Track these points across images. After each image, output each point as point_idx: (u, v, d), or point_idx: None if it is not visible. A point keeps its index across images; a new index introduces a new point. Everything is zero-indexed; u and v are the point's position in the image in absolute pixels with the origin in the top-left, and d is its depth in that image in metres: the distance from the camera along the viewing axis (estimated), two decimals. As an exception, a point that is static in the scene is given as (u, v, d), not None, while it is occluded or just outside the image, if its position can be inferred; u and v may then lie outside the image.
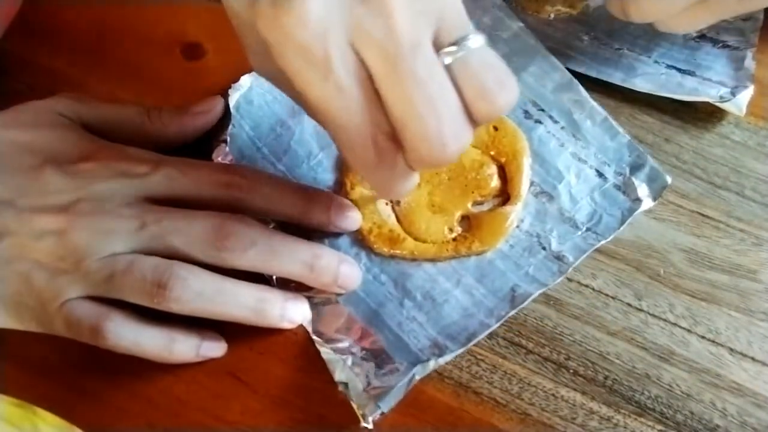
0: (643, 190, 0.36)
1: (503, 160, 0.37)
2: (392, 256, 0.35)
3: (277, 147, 0.38)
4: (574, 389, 0.33)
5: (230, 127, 0.38)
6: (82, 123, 0.35)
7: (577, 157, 0.37)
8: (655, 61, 0.40)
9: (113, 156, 0.33)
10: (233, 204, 0.33)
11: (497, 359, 0.34)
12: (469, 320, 0.34)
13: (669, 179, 0.36)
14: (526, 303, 0.34)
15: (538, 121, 0.38)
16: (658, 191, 0.36)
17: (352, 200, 0.36)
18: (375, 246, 0.35)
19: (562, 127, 0.38)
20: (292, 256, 0.32)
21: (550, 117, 0.38)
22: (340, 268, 0.33)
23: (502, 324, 0.34)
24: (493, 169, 0.37)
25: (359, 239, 0.36)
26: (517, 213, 0.36)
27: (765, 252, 0.36)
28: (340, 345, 0.33)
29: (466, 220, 0.36)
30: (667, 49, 0.40)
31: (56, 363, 0.33)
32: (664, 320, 0.34)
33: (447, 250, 0.35)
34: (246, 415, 0.33)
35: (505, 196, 0.36)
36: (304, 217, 0.34)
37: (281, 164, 0.38)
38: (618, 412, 0.32)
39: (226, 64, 0.40)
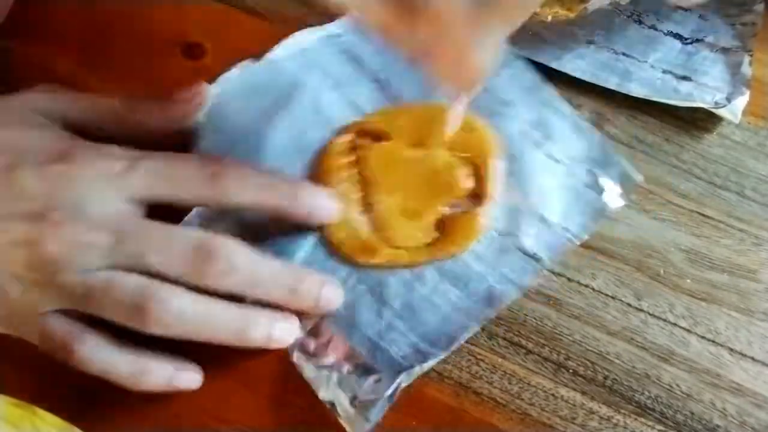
0: (613, 188, 0.36)
1: (476, 161, 0.36)
2: (368, 266, 0.35)
3: (246, 158, 0.37)
4: (574, 389, 0.33)
5: (199, 140, 0.37)
6: (59, 119, 0.33)
7: (548, 156, 0.37)
8: (651, 66, 0.39)
9: (90, 155, 0.31)
10: (220, 200, 0.32)
11: (497, 359, 0.34)
12: (449, 324, 0.34)
13: (640, 177, 0.36)
14: (503, 305, 0.34)
15: (510, 121, 0.38)
16: (629, 189, 0.36)
17: None
18: (349, 256, 0.35)
19: (534, 127, 0.38)
20: (275, 281, 0.32)
21: (521, 117, 0.38)
22: (321, 292, 0.33)
23: (502, 324, 0.34)
24: (464, 171, 0.36)
25: (333, 251, 0.35)
26: (489, 214, 0.35)
27: (765, 252, 0.36)
28: (323, 361, 0.33)
29: (441, 223, 0.35)
30: (663, 53, 0.40)
31: (56, 363, 0.33)
32: (664, 320, 0.34)
33: (422, 255, 0.35)
34: (246, 415, 0.33)
35: (478, 197, 0.36)
36: (292, 208, 0.33)
37: None
38: (618, 412, 0.32)
39: (226, 64, 0.40)
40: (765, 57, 0.40)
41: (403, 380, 0.32)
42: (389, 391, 0.32)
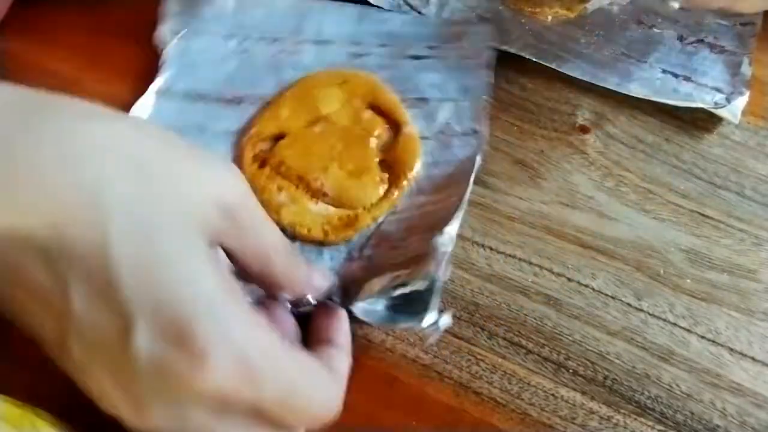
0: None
1: (369, 100, 0.38)
2: (360, 234, 0.36)
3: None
4: (574, 389, 0.33)
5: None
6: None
7: (414, 57, 0.41)
8: (651, 66, 0.40)
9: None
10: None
11: (497, 359, 0.34)
12: (432, 218, 0.35)
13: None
14: (473, 176, 0.35)
15: (366, 54, 0.41)
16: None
17: (289, 224, 0.36)
18: (342, 238, 0.36)
19: (381, 45, 0.41)
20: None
21: (370, 50, 0.41)
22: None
23: (502, 324, 0.34)
24: (369, 113, 0.38)
25: (323, 245, 0.36)
26: (415, 128, 0.38)
27: (765, 252, 0.36)
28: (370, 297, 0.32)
29: (385, 164, 0.37)
30: (663, 53, 0.40)
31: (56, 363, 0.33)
32: (664, 320, 0.34)
33: (392, 194, 0.36)
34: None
35: (394, 126, 0.38)
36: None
37: None
38: (618, 412, 0.32)
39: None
40: (765, 57, 0.40)
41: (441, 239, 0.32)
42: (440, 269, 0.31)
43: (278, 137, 0.38)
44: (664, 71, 0.39)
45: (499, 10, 0.42)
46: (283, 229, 0.35)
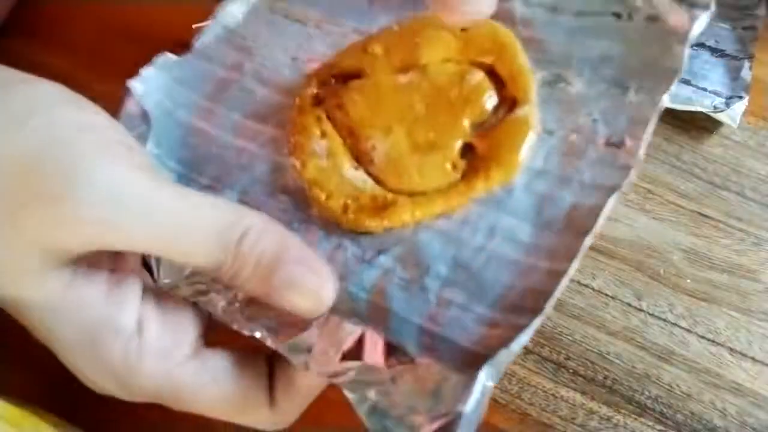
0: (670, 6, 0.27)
1: (489, 60, 0.28)
2: (388, 229, 0.26)
3: (194, 160, 0.30)
4: (574, 389, 0.33)
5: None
6: None
7: (579, 14, 0.28)
8: None
9: None
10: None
11: (497, 359, 0.34)
12: (530, 276, 0.24)
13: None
14: (599, 223, 0.24)
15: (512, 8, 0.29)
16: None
17: (308, 180, 0.28)
18: (359, 224, 0.27)
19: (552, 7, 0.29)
20: None
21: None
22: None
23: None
24: (479, 76, 0.28)
25: (335, 224, 0.27)
26: (534, 114, 0.27)
27: (765, 252, 0.36)
28: (354, 376, 0.23)
29: (470, 150, 0.27)
30: None
31: (56, 363, 0.33)
32: (664, 320, 0.34)
33: (459, 191, 0.26)
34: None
35: (507, 103, 0.27)
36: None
37: (206, 177, 0.30)
38: (618, 412, 0.32)
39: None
40: (765, 57, 0.40)
41: (488, 376, 0.22)
42: (471, 400, 0.21)
43: (353, 76, 0.29)
44: (664, 73, 0.39)
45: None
46: (301, 186, 0.28)
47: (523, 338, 0.22)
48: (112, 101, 0.39)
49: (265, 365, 0.26)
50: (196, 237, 0.22)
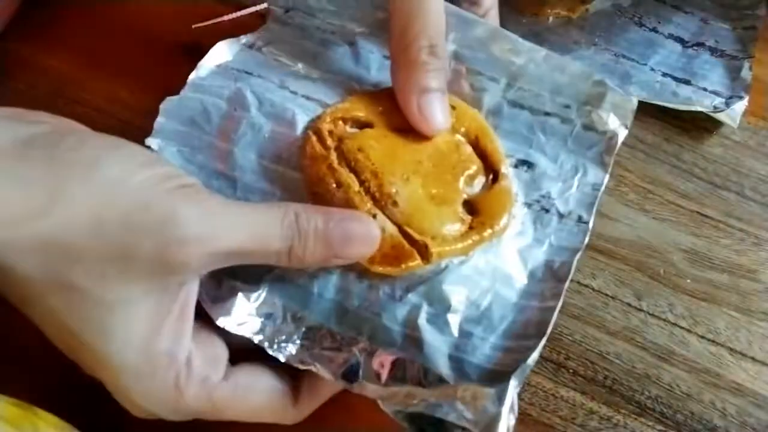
0: (612, 120, 0.33)
1: (473, 137, 0.32)
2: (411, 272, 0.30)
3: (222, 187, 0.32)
4: (574, 389, 0.33)
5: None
6: None
7: (534, 112, 0.34)
8: (651, 69, 0.39)
9: None
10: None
11: (497, 359, 0.34)
12: (527, 313, 0.29)
13: (634, 100, 0.33)
14: (571, 274, 0.30)
15: (482, 89, 0.34)
16: (627, 117, 0.33)
17: None
18: (385, 272, 0.29)
19: (507, 84, 0.34)
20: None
21: (491, 79, 0.34)
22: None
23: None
24: (469, 149, 0.32)
25: (363, 272, 0.30)
26: (510, 184, 0.32)
27: (765, 252, 0.36)
28: (401, 401, 0.28)
29: (467, 205, 0.31)
30: (664, 56, 0.40)
31: (56, 363, 0.33)
32: (664, 320, 0.34)
33: (473, 240, 0.30)
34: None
35: (487, 174, 0.32)
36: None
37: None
38: (618, 412, 0.32)
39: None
40: (765, 57, 0.40)
41: (516, 380, 0.27)
42: (505, 404, 0.27)
43: (364, 125, 0.32)
44: (664, 74, 0.39)
45: (500, 10, 0.42)
46: None
47: (536, 354, 0.28)
48: (111, 101, 0.39)
49: (287, 369, 0.30)
50: (269, 229, 0.27)
